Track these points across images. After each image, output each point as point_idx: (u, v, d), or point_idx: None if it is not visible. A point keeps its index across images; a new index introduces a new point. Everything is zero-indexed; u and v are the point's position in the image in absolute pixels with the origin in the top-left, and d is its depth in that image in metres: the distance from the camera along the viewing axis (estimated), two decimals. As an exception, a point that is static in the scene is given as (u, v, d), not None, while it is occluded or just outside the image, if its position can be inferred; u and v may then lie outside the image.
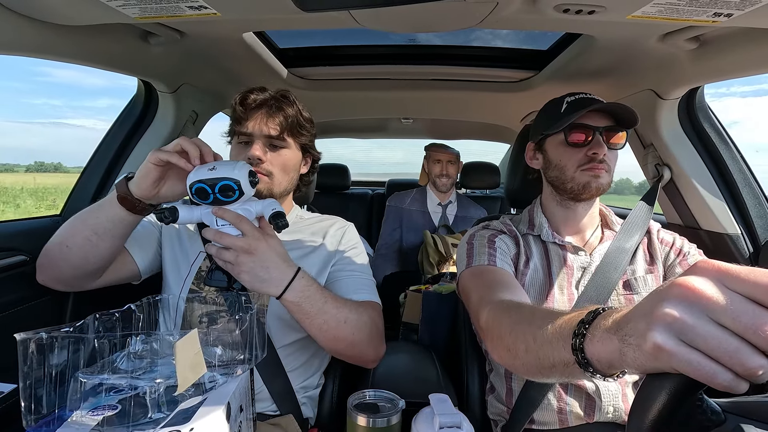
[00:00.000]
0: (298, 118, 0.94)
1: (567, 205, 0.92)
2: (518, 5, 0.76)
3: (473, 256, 0.87)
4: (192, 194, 0.70)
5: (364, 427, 0.62)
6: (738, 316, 0.30)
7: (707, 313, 0.31)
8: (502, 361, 0.65)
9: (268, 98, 0.92)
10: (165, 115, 1.27)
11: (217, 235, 0.72)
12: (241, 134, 0.92)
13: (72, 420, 0.51)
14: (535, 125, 0.98)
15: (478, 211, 2.24)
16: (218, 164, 0.71)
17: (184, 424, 0.49)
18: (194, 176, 0.70)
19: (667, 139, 1.15)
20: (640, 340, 0.35)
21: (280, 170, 0.93)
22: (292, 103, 0.94)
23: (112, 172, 1.26)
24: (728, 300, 0.31)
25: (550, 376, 0.53)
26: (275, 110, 0.91)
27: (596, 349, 0.42)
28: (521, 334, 0.58)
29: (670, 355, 0.32)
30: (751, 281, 0.31)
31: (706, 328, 0.31)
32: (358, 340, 0.82)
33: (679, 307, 0.32)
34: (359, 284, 0.92)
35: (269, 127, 0.91)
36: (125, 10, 0.73)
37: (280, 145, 0.93)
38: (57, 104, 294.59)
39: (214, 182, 0.69)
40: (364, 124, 2.59)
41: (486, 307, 0.71)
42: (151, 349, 0.64)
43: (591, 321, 0.44)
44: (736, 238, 1.10)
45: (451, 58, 1.38)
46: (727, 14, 0.69)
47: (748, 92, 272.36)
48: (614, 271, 0.86)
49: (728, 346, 0.30)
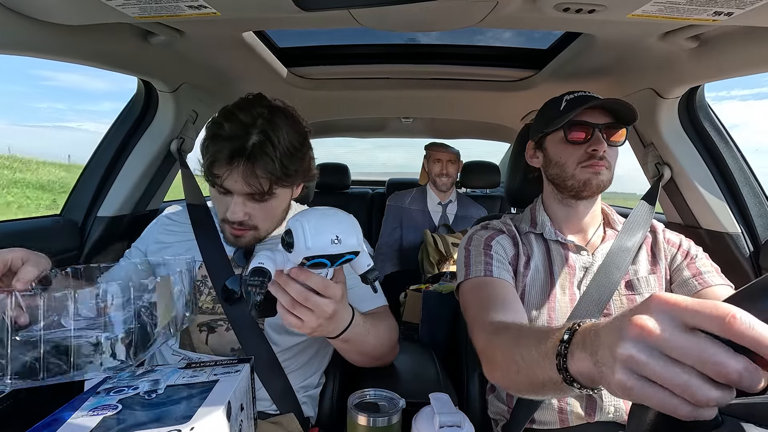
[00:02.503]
0: (285, 164, 0.77)
1: (568, 203, 0.92)
2: (518, 4, 0.76)
3: (470, 266, 0.87)
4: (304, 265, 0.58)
5: (364, 426, 0.62)
6: (686, 350, 0.32)
7: (660, 349, 0.33)
8: (499, 382, 0.69)
9: (246, 148, 0.75)
10: (165, 115, 1.27)
11: (306, 299, 0.60)
12: (218, 186, 0.80)
13: (72, 421, 0.51)
14: (535, 124, 0.97)
15: (478, 210, 2.24)
16: (339, 230, 0.56)
17: (185, 423, 0.49)
18: (313, 246, 0.55)
19: (668, 138, 1.15)
20: (609, 374, 0.37)
21: (266, 218, 0.85)
22: (276, 146, 0.76)
23: (112, 172, 1.26)
24: (677, 335, 0.32)
25: (545, 393, 0.55)
26: (256, 162, 0.76)
27: (577, 367, 0.44)
28: (511, 355, 0.59)
29: (632, 391, 0.34)
30: (698, 313, 0.32)
31: (659, 364, 0.33)
32: (387, 353, 0.89)
33: (636, 346, 0.34)
34: (369, 292, 0.92)
35: (250, 186, 0.77)
36: (125, 9, 0.73)
37: (269, 198, 0.81)
38: (60, 107, 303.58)
39: (339, 257, 0.57)
40: (364, 124, 2.59)
41: (479, 332, 0.73)
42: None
43: (569, 341, 0.46)
44: (737, 237, 1.10)
45: (451, 57, 1.38)
46: (728, 13, 0.69)
47: (748, 95, 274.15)
48: (616, 270, 0.86)
49: (678, 379, 0.32)
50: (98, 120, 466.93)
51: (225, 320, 0.87)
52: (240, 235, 0.85)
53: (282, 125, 0.79)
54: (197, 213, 0.95)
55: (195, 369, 0.66)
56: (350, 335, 0.73)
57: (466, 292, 0.86)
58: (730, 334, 0.31)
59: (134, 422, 0.51)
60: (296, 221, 0.56)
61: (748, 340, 0.30)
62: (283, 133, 0.78)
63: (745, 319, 0.30)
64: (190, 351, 0.87)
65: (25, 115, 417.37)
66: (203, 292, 0.89)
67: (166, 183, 1.42)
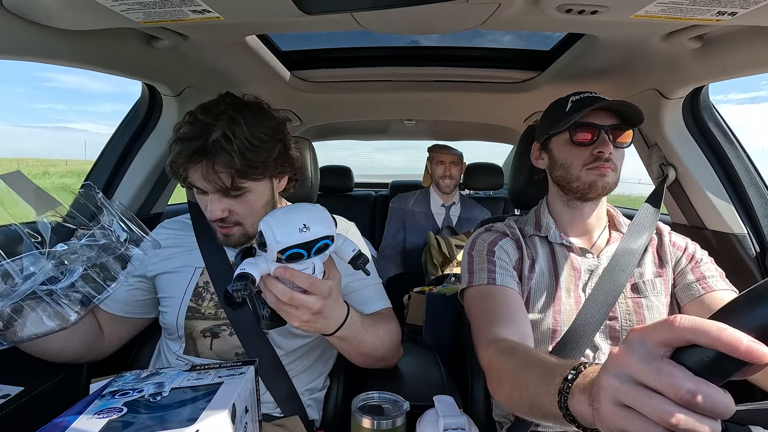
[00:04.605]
0: (247, 157, 0.77)
1: (574, 205, 0.91)
2: (520, 6, 0.76)
3: (474, 273, 0.87)
4: (282, 260, 0.60)
5: (368, 429, 0.62)
6: (654, 376, 0.34)
7: (634, 377, 0.35)
8: (501, 403, 0.70)
9: (207, 147, 0.76)
10: (169, 118, 1.28)
11: (291, 298, 0.62)
12: (193, 187, 0.83)
13: (77, 424, 0.52)
14: (540, 125, 0.97)
15: (482, 212, 2.23)
16: (305, 219, 0.59)
17: (189, 426, 0.50)
18: (282, 239, 0.57)
19: (672, 138, 1.15)
20: (599, 409, 0.38)
21: (248, 214, 0.84)
22: (233, 141, 0.76)
23: (116, 175, 1.27)
24: (645, 361, 0.34)
25: (547, 422, 0.56)
26: (216, 158, 0.76)
27: (576, 408, 0.44)
28: (515, 383, 0.60)
29: (615, 419, 0.36)
30: (655, 331, 0.35)
31: (633, 392, 0.35)
32: (389, 355, 0.89)
33: (616, 378, 0.36)
34: (373, 294, 0.93)
35: (211, 182, 0.78)
36: (129, 14, 0.73)
37: (239, 193, 0.81)
38: (61, 108, 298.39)
39: (312, 244, 0.59)
40: (367, 126, 2.59)
41: (485, 347, 0.73)
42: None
43: (573, 380, 0.46)
44: (743, 237, 1.09)
45: (453, 60, 1.38)
46: (731, 13, 0.69)
47: (745, 99, 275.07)
48: (622, 273, 0.85)
49: (648, 406, 0.33)
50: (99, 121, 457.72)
51: (228, 325, 0.87)
52: (227, 233, 0.86)
53: (244, 120, 0.79)
54: (199, 218, 0.95)
55: (199, 371, 0.66)
56: (346, 333, 0.73)
57: (470, 299, 0.86)
58: (678, 335, 0.33)
59: (139, 425, 0.51)
60: (263, 221, 0.59)
61: (689, 333, 0.33)
62: (244, 128, 0.78)
63: (683, 319, 0.33)
64: (194, 356, 0.88)
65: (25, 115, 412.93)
66: (205, 297, 0.89)
67: (170, 186, 1.42)
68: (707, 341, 0.32)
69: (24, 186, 0.63)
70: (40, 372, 0.88)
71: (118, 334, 0.95)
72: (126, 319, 0.94)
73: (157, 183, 1.35)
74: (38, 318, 0.62)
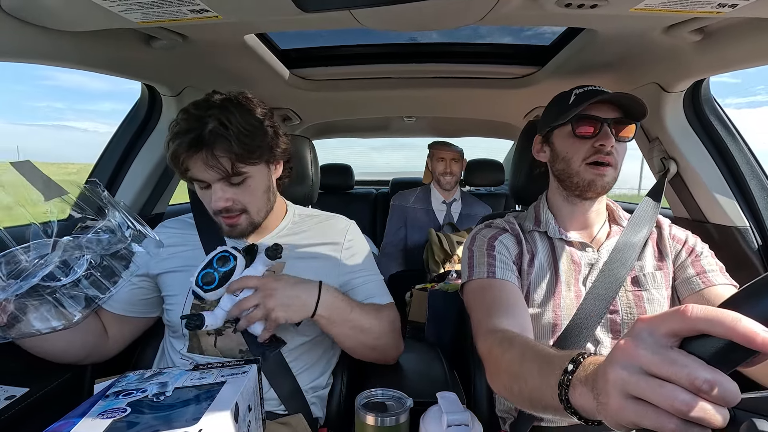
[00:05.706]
0: (243, 141, 0.80)
1: (573, 201, 0.91)
2: (519, 1, 0.76)
3: (474, 267, 0.87)
4: (201, 287, 0.76)
5: (372, 426, 0.62)
6: (668, 366, 0.33)
7: (645, 368, 0.35)
8: (500, 394, 0.70)
9: (204, 136, 0.79)
10: (169, 119, 1.28)
11: (235, 304, 0.77)
12: (194, 180, 0.85)
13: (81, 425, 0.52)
14: (543, 118, 0.97)
15: (483, 208, 2.23)
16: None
17: (193, 425, 0.50)
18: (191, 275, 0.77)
19: (673, 132, 1.14)
20: (605, 402, 0.38)
21: (252, 200, 0.87)
22: (229, 127, 0.79)
23: (117, 176, 1.27)
24: (656, 351, 0.34)
25: (546, 414, 0.55)
26: (214, 146, 0.79)
27: (577, 401, 0.44)
28: (514, 375, 0.60)
29: (625, 412, 0.35)
30: (665, 320, 0.34)
31: (643, 382, 0.34)
32: (382, 344, 0.89)
33: (624, 369, 0.36)
34: (373, 289, 0.94)
35: (213, 168, 0.80)
36: (128, 15, 0.73)
37: (240, 179, 0.84)
38: (60, 107, 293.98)
39: (210, 260, 0.77)
40: (367, 124, 2.59)
41: (483, 338, 0.73)
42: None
43: (573, 372, 0.46)
44: (745, 231, 1.08)
45: (452, 56, 1.37)
46: (732, 5, 0.68)
47: (743, 104, 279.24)
48: (622, 267, 0.85)
49: (661, 395, 0.33)
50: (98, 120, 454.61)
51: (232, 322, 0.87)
52: (233, 222, 0.86)
53: (235, 110, 0.82)
54: (201, 216, 0.95)
55: (202, 371, 0.66)
56: (329, 312, 0.79)
57: (469, 293, 0.86)
58: (690, 325, 0.33)
59: (143, 425, 0.51)
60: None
61: (703, 323, 0.32)
62: (237, 116, 0.81)
63: (695, 309, 0.33)
64: (198, 354, 0.88)
65: (24, 114, 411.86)
66: None
67: (171, 186, 1.43)
68: (721, 331, 0.31)
69: (34, 174, 0.65)
70: (44, 373, 0.88)
71: (121, 334, 0.95)
72: (129, 319, 0.95)
73: (158, 183, 1.35)
74: (42, 316, 0.63)
